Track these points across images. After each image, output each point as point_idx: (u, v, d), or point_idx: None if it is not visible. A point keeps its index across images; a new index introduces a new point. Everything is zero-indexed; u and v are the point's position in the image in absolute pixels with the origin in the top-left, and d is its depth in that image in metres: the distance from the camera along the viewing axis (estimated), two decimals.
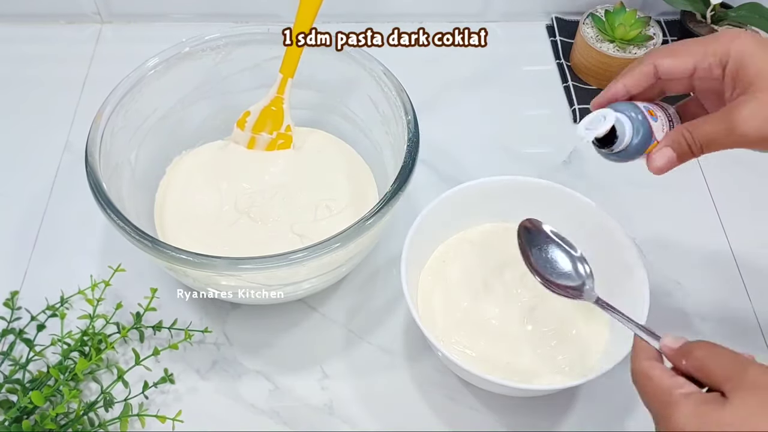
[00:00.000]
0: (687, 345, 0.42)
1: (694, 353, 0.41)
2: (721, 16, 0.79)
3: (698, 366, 0.40)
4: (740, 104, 0.44)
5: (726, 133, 0.44)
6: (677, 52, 0.47)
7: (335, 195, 0.66)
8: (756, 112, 0.43)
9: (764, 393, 0.36)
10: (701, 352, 0.40)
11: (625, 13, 0.79)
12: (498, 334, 0.58)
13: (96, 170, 0.55)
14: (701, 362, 0.40)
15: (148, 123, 0.64)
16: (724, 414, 0.36)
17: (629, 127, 0.47)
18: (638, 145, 0.47)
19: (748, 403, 0.36)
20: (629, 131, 0.47)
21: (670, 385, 0.40)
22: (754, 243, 0.70)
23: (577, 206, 0.60)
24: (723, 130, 0.44)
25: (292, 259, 0.51)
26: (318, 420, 0.58)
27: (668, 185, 0.74)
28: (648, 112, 0.48)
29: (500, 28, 0.89)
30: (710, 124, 0.45)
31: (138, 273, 0.64)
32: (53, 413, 0.51)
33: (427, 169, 0.74)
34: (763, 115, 0.43)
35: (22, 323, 0.61)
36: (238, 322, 0.63)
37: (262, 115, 0.68)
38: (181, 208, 0.65)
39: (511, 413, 0.58)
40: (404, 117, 0.59)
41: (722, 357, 0.39)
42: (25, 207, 0.70)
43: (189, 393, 0.59)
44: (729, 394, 0.37)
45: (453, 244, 0.63)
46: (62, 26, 0.87)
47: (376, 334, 0.62)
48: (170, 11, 0.87)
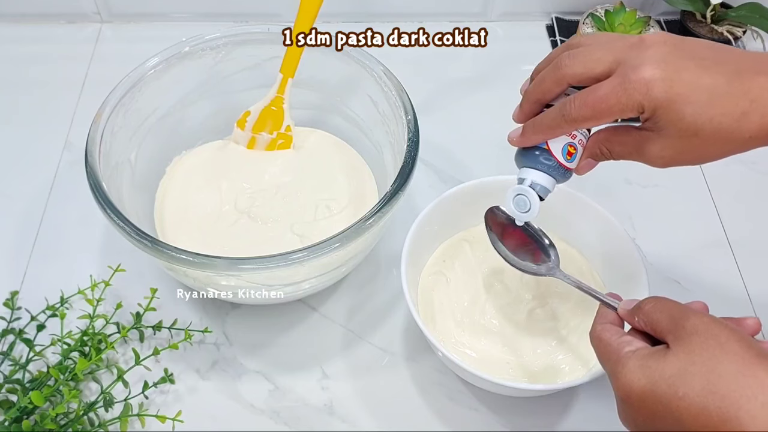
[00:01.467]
0: (638, 303, 0.43)
1: (642, 309, 0.42)
2: (721, 16, 0.79)
3: (647, 320, 0.41)
4: (650, 140, 0.44)
5: (636, 157, 0.45)
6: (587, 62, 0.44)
7: (335, 195, 0.66)
8: (665, 149, 0.43)
9: (701, 339, 0.37)
10: (648, 306, 0.42)
11: (625, 13, 0.79)
12: (498, 334, 0.58)
13: (96, 170, 0.55)
14: (648, 316, 0.41)
15: (148, 123, 0.64)
16: (666, 364, 0.37)
17: (539, 197, 0.48)
18: (556, 183, 0.49)
19: (687, 350, 0.37)
20: (539, 200, 0.48)
21: (619, 343, 0.41)
22: (754, 243, 0.70)
23: (577, 206, 0.60)
24: (634, 155, 0.45)
25: (292, 259, 0.51)
26: (318, 420, 0.58)
27: (668, 185, 0.74)
28: (561, 151, 0.48)
29: (500, 28, 0.89)
30: (623, 147, 0.46)
31: (138, 273, 0.64)
32: (53, 413, 0.51)
33: (427, 169, 0.74)
34: (669, 154, 0.43)
35: (22, 323, 0.61)
36: (238, 322, 0.63)
37: (262, 115, 0.68)
38: (181, 207, 0.65)
39: (511, 413, 0.58)
40: (404, 117, 0.59)
41: (666, 309, 0.41)
42: (25, 207, 0.70)
43: (189, 393, 0.59)
44: (671, 344, 0.38)
45: (453, 244, 0.63)
46: (62, 26, 0.87)
47: (376, 334, 0.62)
48: (170, 11, 0.87)
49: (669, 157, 0.44)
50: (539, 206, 0.48)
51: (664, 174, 0.72)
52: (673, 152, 0.43)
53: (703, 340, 0.37)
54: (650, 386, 0.38)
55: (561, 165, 0.47)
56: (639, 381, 0.38)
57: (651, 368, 0.38)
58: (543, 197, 0.48)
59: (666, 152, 0.43)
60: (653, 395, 0.37)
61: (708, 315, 0.40)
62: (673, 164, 0.44)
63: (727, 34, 0.78)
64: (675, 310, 0.40)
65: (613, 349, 0.41)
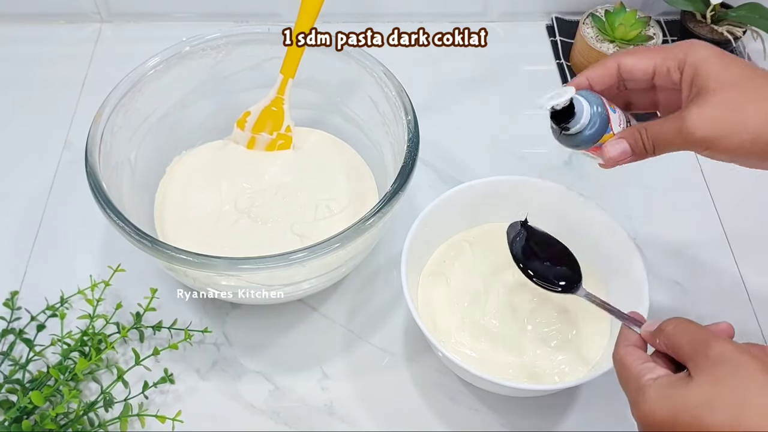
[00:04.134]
0: (660, 324, 0.42)
1: (664, 330, 0.42)
2: (721, 16, 0.79)
3: (668, 344, 0.41)
4: (690, 105, 0.45)
5: (675, 132, 0.46)
6: (639, 53, 0.49)
7: (335, 195, 0.66)
8: (703, 113, 0.44)
9: (727, 369, 0.37)
10: (669, 328, 0.41)
11: (625, 13, 0.79)
12: (498, 335, 0.58)
13: (96, 170, 0.55)
14: (669, 339, 0.41)
15: (148, 123, 0.64)
16: (689, 394, 0.37)
17: (588, 109, 0.47)
18: (594, 132, 0.48)
19: (711, 381, 0.37)
20: (587, 112, 0.47)
21: (640, 370, 0.41)
22: (754, 243, 0.70)
23: (577, 206, 0.60)
24: (673, 130, 0.46)
25: (292, 259, 0.51)
26: (318, 420, 0.58)
27: (668, 185, 0.74)
28: (609, 104, 0.49)
29: (500, 28, 0.89)
30: (661, 124, 0.47)
31: (138, 273, 0.64)
32: (53, 413, 0.51)
33: (427, 169, 0.74)
34: (709, 116, 0.44)
35: (22, 323, 0.61)
36: (238, 322, 0.63)
37: (263, 116, 0.68)
38: (181, 208, 0.65)
39: (511, 413, 0.58)
40: (404, 117, 0.59)
41: (688, 333, 0.40)
42: (25, 207, 0.70)
43: (189, 393, 0.59)
44: (693, 372, 0.38)
45: (453, 244, 0.63)
46: (62, 26, 0.87)
47: (376, 334, 0.62)
48: (170, 11, 0.87)
49: (710, 119, 0.44)
50: (589, 114, 0.47)
51: (664, 174, 0.73)
52: (712, 114, 0.44)
53: (728, 371, 0.37)
54: (673, 416, 0.37)
55: (607, 114, 0.48)
56: (660, 411, 0.38)
57: (673, 398, 0.38)
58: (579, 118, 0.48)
59: (706, 113, 0.44)
60: (675, 425, 0.37)
61: (731, 342, 0.39)
62: (715, 133, 0.44)
63: (727, 34, 0.78)
64: (697, 334, 0.40)
65: (633, 376, 0.41)
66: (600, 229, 0.59)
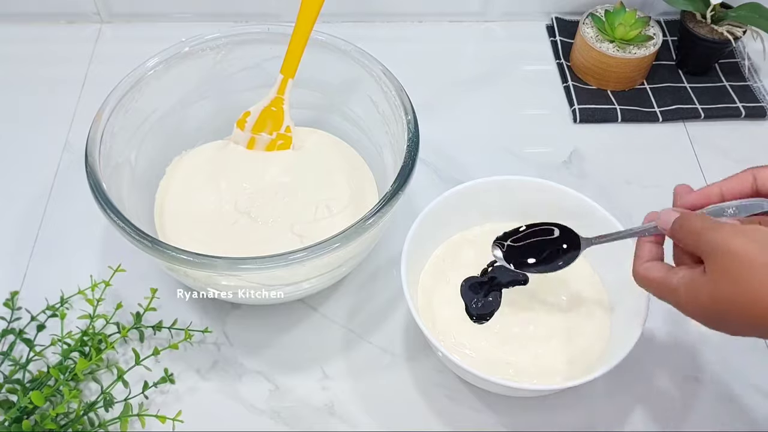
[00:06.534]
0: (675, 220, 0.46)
1: (674, 225, 0.46)
2: (721, 16, 0.79)
3: (678, 242, 0.46)
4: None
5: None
6: None
7: (335, 195, 0.66)
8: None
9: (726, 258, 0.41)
10: (677, 223, 0.46)
11: (625, 13, 0.79)
12: (498, 335, 0.58)
13: (96, 170, 0.55)
14: (676, 239, 0.46)
15: (148, 123, 0.64)
16: (707, 286, 0.41)
17: None
18: None
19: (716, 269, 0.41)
20: None
21: (664, 277, 0.45)
22: None
23: (577, 206, 0.60)
24: None
25: (292, 259, 0.51)
26: (318, 420, 0.58)
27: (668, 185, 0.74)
28: None
29: (500, 28, 0.89)
30: None
31: (138, 273, 0.64)
32: (53, 413, 0.51)
33: (427, 169, 0.74)
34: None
35: (22, 323, 0.61)
36: (238, 322, 0.63)
37: (262, 116, 0.68)
38: (181, 208, 0.65)
39: (511, 413, 0.58)
40: (404, 117, 0.59)
41: (683, 235, 0.45)
42: (25, 207, 0.70)
43: (189, 393, 0.59)
44: (705, 261, 0.42)
45: (453, 244, 0.63)
46: (62, 26, 0.87)
47: (376, 334, 0.62)
48: (170, 11, 0.87)
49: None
50: None
51: (664, 174, 0.73)
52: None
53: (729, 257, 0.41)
54: (713, 303, 0.41)
55: None
56: (693, 304, 0.42)
57: (698, 291, 0.42)
58: None
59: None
60: (716, 303, 0.41)
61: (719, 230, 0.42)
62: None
63: (727, 34, 0.78)
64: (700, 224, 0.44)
65: (663, 284, 0.45)
66: (600, 229, 0.59)
